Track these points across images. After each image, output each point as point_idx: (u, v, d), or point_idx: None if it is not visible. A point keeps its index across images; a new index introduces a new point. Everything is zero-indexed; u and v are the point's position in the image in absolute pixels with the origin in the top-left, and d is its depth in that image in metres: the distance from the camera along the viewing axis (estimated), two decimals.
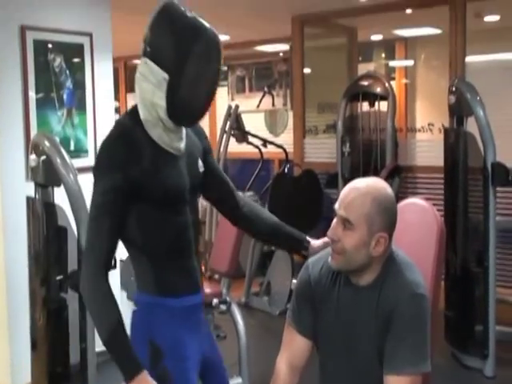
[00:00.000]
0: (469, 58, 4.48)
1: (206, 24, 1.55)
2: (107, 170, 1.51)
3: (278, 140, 5.98)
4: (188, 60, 1.49)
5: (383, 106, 4.78)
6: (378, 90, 4.69)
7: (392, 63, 6.90)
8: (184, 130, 1.65)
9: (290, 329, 1.78)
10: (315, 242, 1.86)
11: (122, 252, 3.88)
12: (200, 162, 1.70)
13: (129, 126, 1.57)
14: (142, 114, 1.56)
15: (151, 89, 1.53)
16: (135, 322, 1.63)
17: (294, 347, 1.77)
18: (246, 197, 3.50)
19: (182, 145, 1.63)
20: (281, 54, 6.59)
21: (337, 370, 1.74)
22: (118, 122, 1.63)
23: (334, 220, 1.66)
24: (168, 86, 1.51)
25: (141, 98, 1.56)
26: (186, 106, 1.54)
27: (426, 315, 1.63)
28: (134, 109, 1.60)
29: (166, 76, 1.50)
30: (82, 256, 1.57)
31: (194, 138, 1.72)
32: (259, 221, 1.86)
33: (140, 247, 1.59)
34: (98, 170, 1.53)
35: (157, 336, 1.59)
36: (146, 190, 1.53)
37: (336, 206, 1.66)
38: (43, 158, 2.28)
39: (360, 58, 5.94)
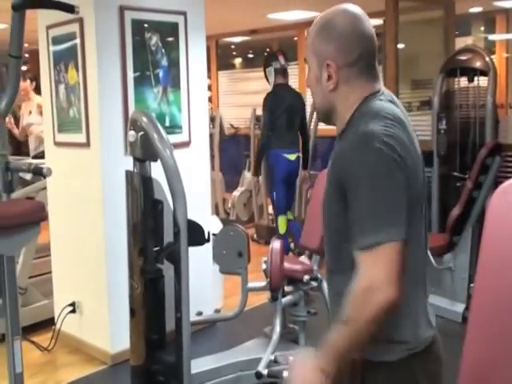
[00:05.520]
0: None
1: None
2: None
3: None
4: None
5: (482, 81, 4.55)
6: (478, 64, 4.46)
7: (492, 37, 6.56)
8: None
9: None
10: None
11: (214, 227, 3.93)
12: None
13: None
14: None
15: None
16: None
17: None
18: None
19: None
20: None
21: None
22: None
23: None
24: None
25: None
26: None
27: (379, 160, 1.27)
28: None
29: None
30: None
31: None
32: None
33: None
34: None
35: None
36: None
37: None
38: (141, 133, 2.34)
39: (457, 32, 5.68)
